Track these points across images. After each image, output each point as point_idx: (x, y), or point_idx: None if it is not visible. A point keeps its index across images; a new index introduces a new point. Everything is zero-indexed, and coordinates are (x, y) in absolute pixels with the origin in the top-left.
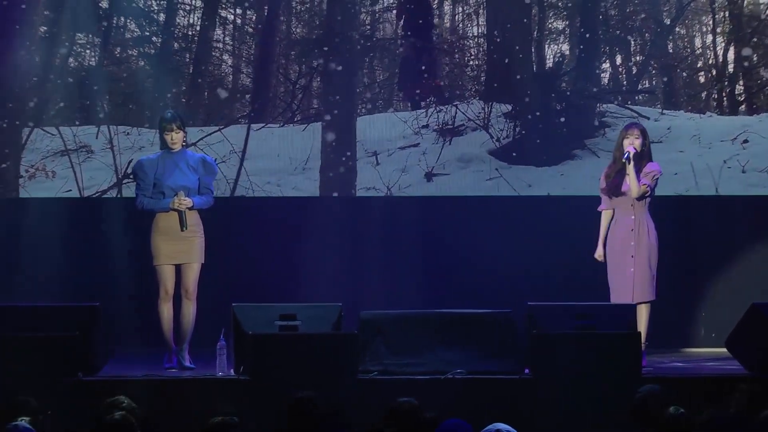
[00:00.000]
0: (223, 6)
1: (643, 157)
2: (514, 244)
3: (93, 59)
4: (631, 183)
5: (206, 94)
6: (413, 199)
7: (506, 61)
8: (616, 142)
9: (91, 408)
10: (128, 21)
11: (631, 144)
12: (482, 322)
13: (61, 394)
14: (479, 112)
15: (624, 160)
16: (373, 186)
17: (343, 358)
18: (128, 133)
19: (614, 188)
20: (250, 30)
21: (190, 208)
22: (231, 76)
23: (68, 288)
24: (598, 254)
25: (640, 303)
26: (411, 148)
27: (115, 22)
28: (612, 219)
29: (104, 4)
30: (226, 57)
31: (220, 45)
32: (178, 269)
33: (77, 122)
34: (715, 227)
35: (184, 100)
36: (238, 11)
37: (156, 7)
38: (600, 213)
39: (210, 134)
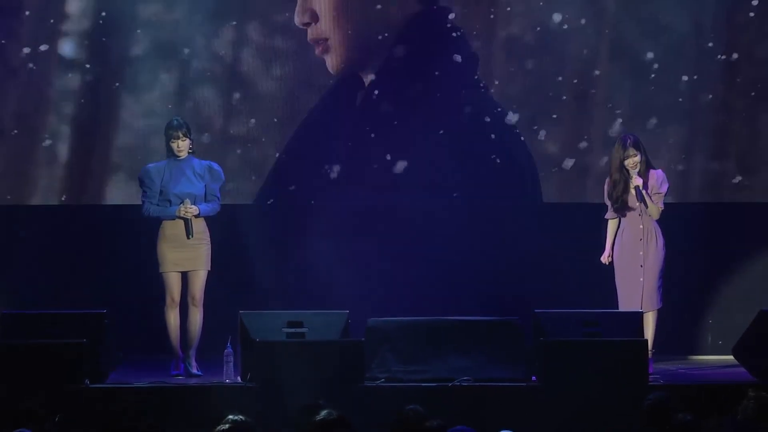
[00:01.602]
0: None
1: (645, 170)
2: (522, 251)
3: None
4: (651, 211)
5: None
6: (421, 206)
7: None
8: (613, 160)
9: (98, 415)
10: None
11: (633, 164)
12: (489, 330)
13: (68, 402)
14: None
15: (639, 202)
16: None
17: (349, 366)
18: None
19: (622, 208)
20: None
21: (197, 216)
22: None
23: (75, 295)
24: (605, 257)
25: (648, 311)
26: None
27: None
28: (619, 227)
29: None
30: None
31: None
32: (185, 276)
33: None
34: (722, 234)
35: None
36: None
37: None
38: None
39: None
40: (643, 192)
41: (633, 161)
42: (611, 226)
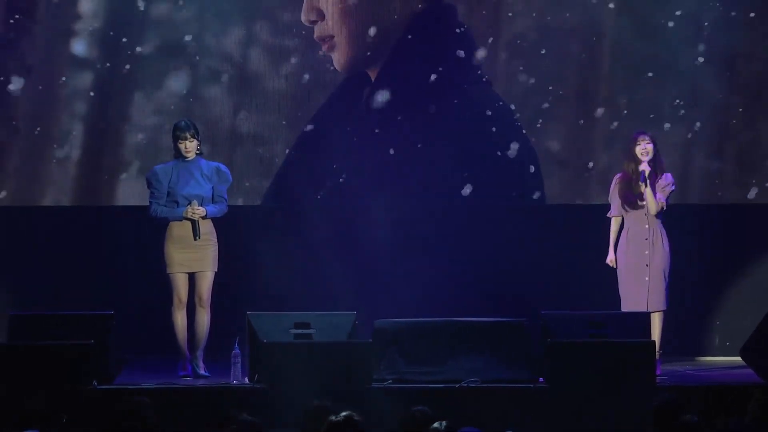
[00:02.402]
0: None
1: (656, 167)
2: (528, 253)
3: None
4: (649, 202)
5: None
6: (427, 207)
7: None
8: (627, 153)
9: (105, 416)
10: None
11: (644, 151)
12: (496, 331)
13: (76, 403)
14: None
15: (641, 183)
16: None
17: (357, 367)
18: None
19: (630, 202)
20: None
21: (204, 217)
22: None
23: (82, 296)
24: (610, 259)
25: (654, 312)
26: None
27: None
28: (624, 227)
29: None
30: None
31: None
32: (192, 278)
33: None
34: (729, 235)
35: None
36: None
37: None
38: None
39: None
40: (647, 179)
41: (645, 149)
42: (614, 226)
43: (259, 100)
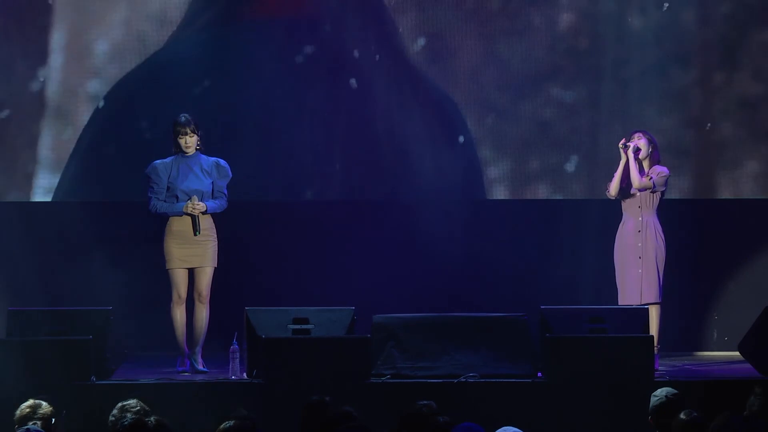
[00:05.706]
0: None
1: (651, 162)
2: (528, 248)
3: None
4: (632, 174)
5: None
6: (425, 202)
7: None
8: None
9: (104, 411)
10: None
11: (635, 143)
12: (496, 326)
13: (75, 398)
14: None
15: (620, 147)
16: None
17: (355, 362)
18: None
19: (623, 190)
20: None
21: (204, 213)
22: None
23: (81, 292)
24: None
25: (648, 304)
26: None
27: None
28: (621, 221)
29: None
30: None
31: None
32: (191, 273)
33: None
34: (727, 230)
35: None
36: None
37: None
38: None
39: None
40: (630, 153)
41: (635, 141)
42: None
43: (254, 94)
